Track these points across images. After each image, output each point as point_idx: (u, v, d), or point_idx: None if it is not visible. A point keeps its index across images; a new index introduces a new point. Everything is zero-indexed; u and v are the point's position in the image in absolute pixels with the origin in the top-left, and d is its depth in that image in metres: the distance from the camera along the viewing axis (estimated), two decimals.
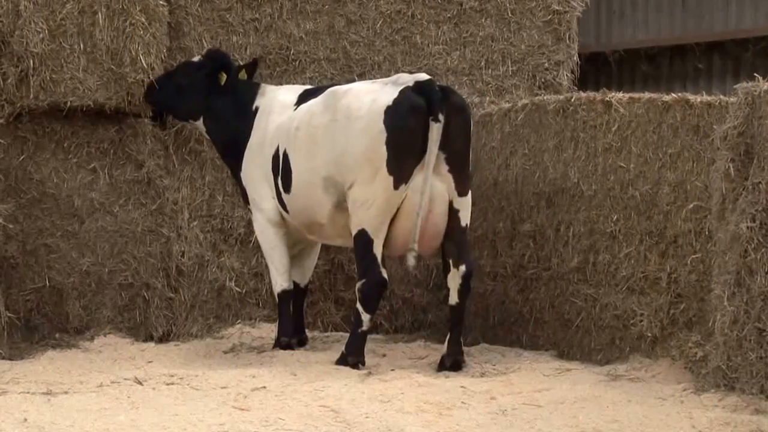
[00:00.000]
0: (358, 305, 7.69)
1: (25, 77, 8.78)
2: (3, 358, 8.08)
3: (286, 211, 8.22)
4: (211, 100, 8.69)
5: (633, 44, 12.10)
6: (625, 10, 12.21)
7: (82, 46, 8.86)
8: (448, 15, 9.72)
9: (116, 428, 5.87)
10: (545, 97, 8.55)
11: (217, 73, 8.67)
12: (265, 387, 6.88)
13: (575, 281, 7.95)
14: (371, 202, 7.57)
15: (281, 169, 8.15)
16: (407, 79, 7.70)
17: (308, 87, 8.67)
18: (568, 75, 9.85)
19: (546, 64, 9.78)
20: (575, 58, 9.90)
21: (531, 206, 8.33)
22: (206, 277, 9.18)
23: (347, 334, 8.69)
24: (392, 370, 7.56)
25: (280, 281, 8.39)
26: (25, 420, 6.01)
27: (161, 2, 9.07)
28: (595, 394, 6.73)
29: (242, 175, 8.55)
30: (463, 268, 7.68)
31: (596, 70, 12.18)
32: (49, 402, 6.48)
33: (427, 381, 7.11)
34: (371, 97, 7.66)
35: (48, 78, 8.79)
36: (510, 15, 9.74)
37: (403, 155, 7.49)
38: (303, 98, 8.38)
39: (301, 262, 8.68)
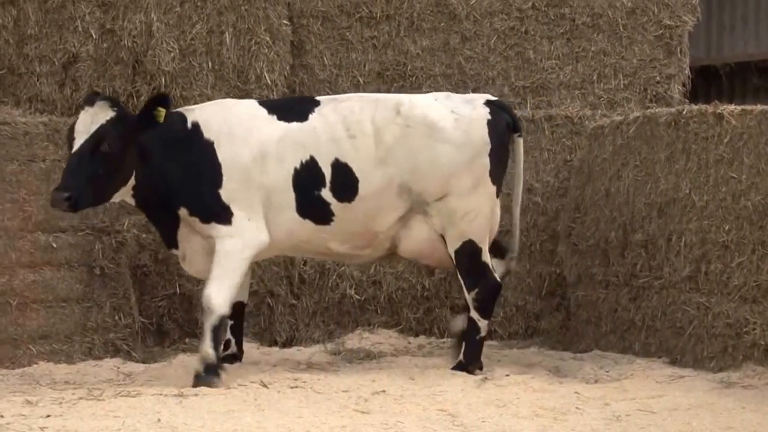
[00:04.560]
0: (474, 314, 7.73)
1: None
2: (137, 362, 8.27)
3: (328, 222, 7.59)
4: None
5: (744, 57, 11.98)
6: (736, 24, 12.08)
7: (210, 64, 9.12)
8: (561, 30, 9.81)
9: (243, 429, 5.97)
10: (657, 110, 8.52)
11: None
12: (384, 391, 6.99)
13: (687, 290, 7.91)
14: (476, 212, 7.65)
15: (334, 179, 7.52)
16: (468, 97, 7.94)
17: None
18: (680, 88, 9.85)
19: (657, 78, 9.80)
20: (686, 71, 9.89)
21: (643, 216, 8.31)
22: (327, 285, 9.21)
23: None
24: (507, 375, 7.61)
25: (226, 306, 7.42)
26: (159, 420, 6.14)
27: (285, 22, 9.30)
28: (708, 401, 6.72)
29: (223, 194, 7.46)
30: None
31: (707, 83, 12.08)
32: (181, 403, 6.59)
33: (542, 386, 7.19)
34: (447, 108, 7.71)
35: (178, 95, 9.02)
36: (622, 30, 9.79)
37: (502, 166, 7.82)
38: (282, 109, 7.66)
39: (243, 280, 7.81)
